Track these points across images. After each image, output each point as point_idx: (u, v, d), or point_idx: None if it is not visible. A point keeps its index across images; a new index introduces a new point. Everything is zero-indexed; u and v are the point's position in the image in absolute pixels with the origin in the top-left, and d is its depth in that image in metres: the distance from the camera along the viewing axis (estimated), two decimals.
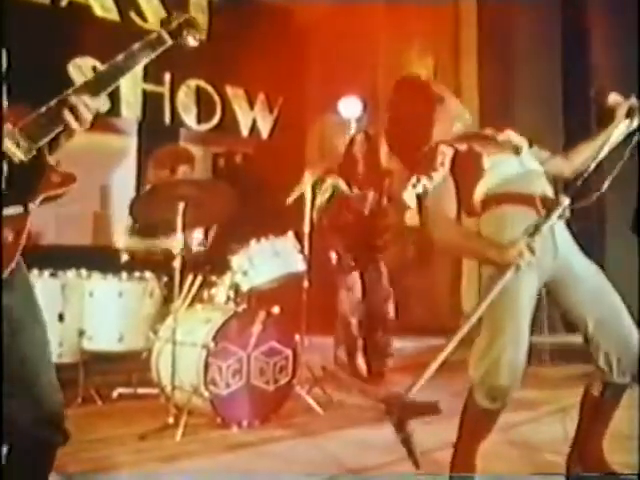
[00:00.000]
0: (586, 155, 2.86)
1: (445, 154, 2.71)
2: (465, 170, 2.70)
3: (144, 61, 2.23)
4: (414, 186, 2.72)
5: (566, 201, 2.59)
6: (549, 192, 2.74)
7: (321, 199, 5.18)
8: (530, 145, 2.86)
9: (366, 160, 5.45)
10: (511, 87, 7.67)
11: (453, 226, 2.72)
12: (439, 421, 2.70)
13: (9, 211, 1.95)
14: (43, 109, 2.03)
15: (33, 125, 2.01)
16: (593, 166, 2.74)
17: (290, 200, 4.81)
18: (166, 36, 2.26)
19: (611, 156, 2.80)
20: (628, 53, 6.24)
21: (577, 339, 2.85)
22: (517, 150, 2.77)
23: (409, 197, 2.72)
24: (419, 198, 2.71)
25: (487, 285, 2.62)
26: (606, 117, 2.83)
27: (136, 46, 2.20)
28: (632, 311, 2.75)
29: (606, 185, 2.71)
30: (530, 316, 2.67)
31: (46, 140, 2.03)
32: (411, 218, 2.83)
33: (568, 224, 2.77)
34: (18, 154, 1.97)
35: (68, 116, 2.03)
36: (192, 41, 2.33)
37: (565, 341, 5.50)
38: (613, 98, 2.82)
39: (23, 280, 2.11)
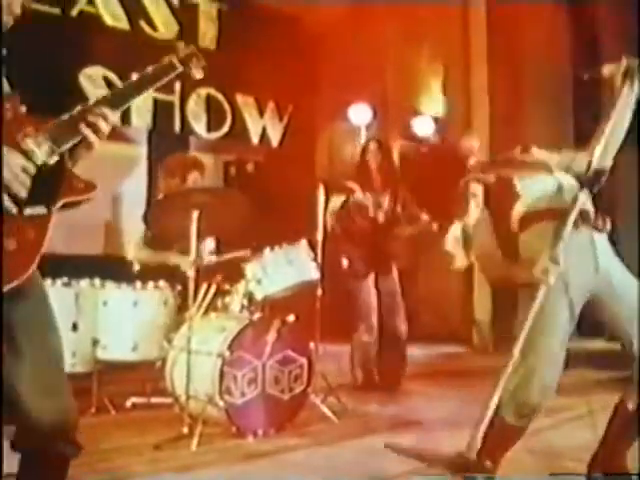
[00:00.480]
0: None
1: (476, 194, 2.70)
2: (499, 199, 2.72)
3: (156, 85, 2.29)
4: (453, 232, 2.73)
5: (582, 197, 2.57)
6: (587, 204, 2.70)
7: (334, 204, 5.18)
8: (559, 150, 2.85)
9: (380, 167, 5.43)
10: (521, 90, 7.67)
11: (497, 262, 2.72)
12: (459, 430, 2.69)
13: (32, 210, 1.95)
14: (66, 116, 2.06)
15: (56, 129, 2.03)
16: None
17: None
18: (178, 64, 2.32)
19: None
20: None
21: (597, 344, 2.84)
22: (549, 169, 2.77)
23: (451, 244, 2.72)
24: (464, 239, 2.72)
25: (524, 306, 2.61)
26: (609, 92, 2.77)
27: (149, 70, 2.25)
28: None
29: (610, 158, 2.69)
30: (567, 335, 2.65)
31: (68, 146, 2.04)
32: (458, 261, 2.81)
33: (610, 237, 2.77)
34: (39, 155, 1.97)
35: (86, 130, 2.05)
36: (198, 75, 2.41)
37: (585, 347, 5.46)
38: (607, 68, 2.72)
39: (39, 286, 2.10)
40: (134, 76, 2.22)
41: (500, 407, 2.66)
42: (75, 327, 4.37)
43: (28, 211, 1.95)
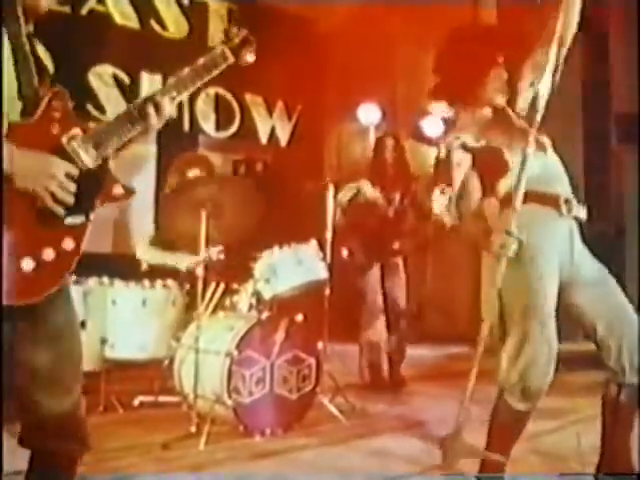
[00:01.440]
0: None
1: (462, 162, 2.70)
2: (487, 166, 2.72)
3: (207, 78, 2.27)
4: (441, 193, 2.72)
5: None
6: (570, 194, 2.77)
7: (343, 198, 5.19)
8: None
9: (395, 163, 5.46)
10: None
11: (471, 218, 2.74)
12: (467, 430, 2.68)
13: (73, 220, 1.94)
14: (113, 119, 2.06)
15: (102, 133, 2.02)
16: None
17: (311, 187, 4.85)
18: (229, 53, 2.29)
19: None
20: None
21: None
22: (544, 147, 2.76)
23: (437, 206, 2.72)
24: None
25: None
26: None
27: (201, 62, 2.23)
28: None
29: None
30: (554, 312, 2.68)
31: (114, 149, 2.04)
32: (447, 222, 2.80)
33: (581, 227, 2.81)
34: (85, 160, 1.96)
35: (151, 111, 2.08)
36: (250, 58, 2.37)
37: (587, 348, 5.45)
38: None
39: (68, 288, 2.10)
40: (185, 70, 2.20)
41: (504, 393, 2.68)
42: (83, 325, 4.36)
43: (69, 220, 1.93)
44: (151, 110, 2.04)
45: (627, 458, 2.82)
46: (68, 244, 1.93)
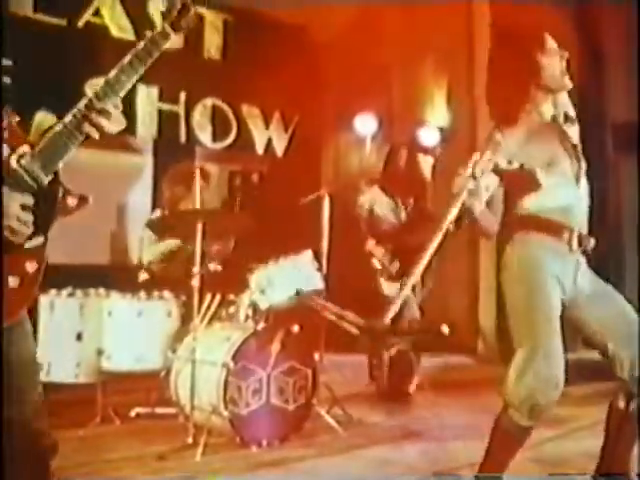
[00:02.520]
0: None
1: (489, 185, 2.69)
2: (515, 184, 2.72)
3: (150, 61, 2.18)
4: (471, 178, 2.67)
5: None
6: (584, 228, 2.82)
7: (360, 209, 5.27)
8: None
9: (409, 171, 5.51)
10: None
11: None
12: (465, 440, 2.70)
13: (32, 243, 1.94)
14: (59, 127, 2.00)
15: (50, 145, 1.98)
16: None
17: (305, 201, 4.86)
18: (168, 29, 2.22)
19: None
20: None
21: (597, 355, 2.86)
22: (578, 178, 2.80)
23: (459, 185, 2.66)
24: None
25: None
26: None
27: (140, 46, 2.16)
28: None
29: None
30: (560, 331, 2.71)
31: (64, 160, 2.01)
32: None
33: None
34: (39, 178, 1.94)
35: (89, 129, 2.03)
36: (189, 24, 2.25)
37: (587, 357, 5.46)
38: None
39: None
40: (126, 58, 2.14)
41: (507, 409, 2.68)
42: (79, 337, 4.40)
43: (28, 244, 1.93)
44: (98, 119, 2.02)
45: (626, 469, 2.83)
46: (30, 267, 1.94)
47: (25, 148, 1.96)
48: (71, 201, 2.04)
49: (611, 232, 7.54)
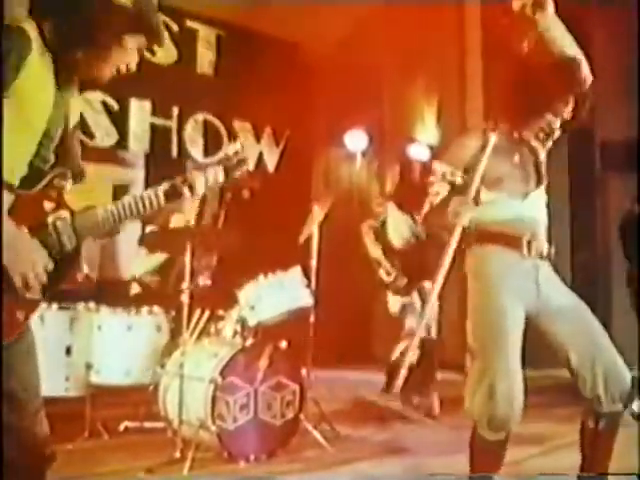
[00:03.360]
0: None
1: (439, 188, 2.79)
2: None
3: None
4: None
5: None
6: (541, 234, 2.87)
7: (372, 224, 5.37)
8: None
9: (423, 186, 5.52)
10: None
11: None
12: (451, 456, 2.75)
13: (31, 296, 2.00)
14: (103, 211, 2.11)
15: (87, 223, 2.08)
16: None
17: (302, 239, 4.89)
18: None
19: None
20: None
21: None
22: (526, 194, 2.86)
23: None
24: None
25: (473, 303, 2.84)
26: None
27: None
28: None
29: None
30: (519, 345, 2.75)
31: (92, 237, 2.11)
32: None
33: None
34: (65, 244, 2.04)
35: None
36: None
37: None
38: (515, 2, 2.78)
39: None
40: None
41: (475, 423, 2.74)
42: (69, 351, 4.42)
43: (28, 296, 1.98)
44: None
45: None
46: (20, 315, 2.01)
47: (65, 213, 2.06)
48: (81, 277, 2.13)
49: (599, 246, 7.62)
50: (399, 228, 5.34)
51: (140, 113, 7.78)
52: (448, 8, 7.99)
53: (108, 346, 4.44)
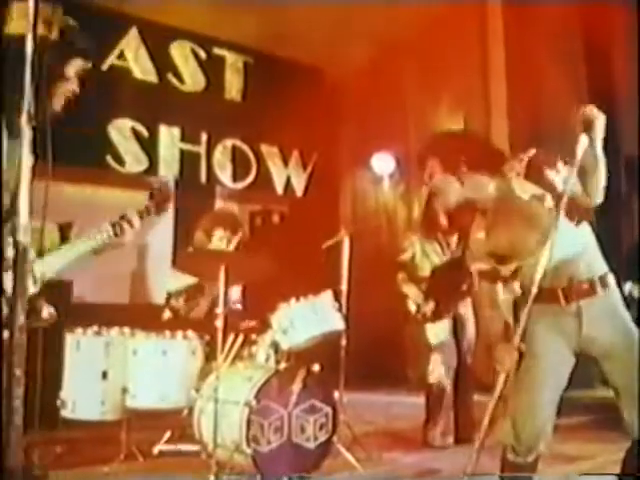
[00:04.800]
0: None
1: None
2: None
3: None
4: None
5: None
6: (583, 272, 2.82)
7: (403, 256, 5.38)
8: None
9: (447, 211, 5.52)
10: (543, 137, 7.79)
11: None
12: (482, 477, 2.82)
13: None
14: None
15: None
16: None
17: (326, 245, 4.98)
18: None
19: None
20: None
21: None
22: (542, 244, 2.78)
23: None
24: None
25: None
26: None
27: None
28: None
29: None
30: (555, 383, 2.83)
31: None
32: None
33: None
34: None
35: None
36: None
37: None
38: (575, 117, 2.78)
39: None
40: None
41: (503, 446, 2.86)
42: (105, 375, 4.51)
43: None
44: None
45: None
46: None
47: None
48: (45, 314, 2.21)
49: (625, 265, 7.61)
50: (429, 258, 5.38)
51: (169, 139, 7.96)
52: (471, 29, 8.11)
53: (144, 370, 4.52)
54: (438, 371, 5.24)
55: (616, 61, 7.78)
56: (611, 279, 2.86)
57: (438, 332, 5.25)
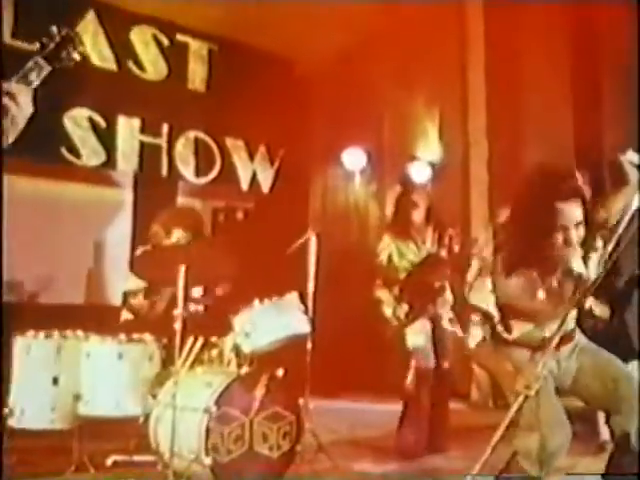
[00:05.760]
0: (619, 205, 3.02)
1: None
2: None
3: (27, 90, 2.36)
4: None
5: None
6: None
7: (379, 259, 5.36)
8: None
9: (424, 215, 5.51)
10: (522, 134, 7.84)
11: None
12: None
13: None
14: None
15: None
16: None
17: (292, 248, 4.97)
18: (42, 62, 2.41)
19: None
20: None
21: None
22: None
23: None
24: None
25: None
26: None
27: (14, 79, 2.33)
28: None
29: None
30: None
31: None
32: None
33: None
34: None
35: None
36: (76, 56, 2.47)
37: None
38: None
39: None
40: None
41: (518, 456, 2.91)
42: (56, 381, 4.44)
43: None
44: None
45: None
46: None
47: None
48: None
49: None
50: (406, 258, 5.37)
51: (129, 131, 7.88)
52: (449, 19, 8.12)
53: (97, 375, 4.46)
54: (413, 377, 5.25)
55: (602, 58, 7.83)
56: None
57: (415, 335, 5.25)
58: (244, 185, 8.77)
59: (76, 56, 2.46)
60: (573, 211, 2.87)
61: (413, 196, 5.48)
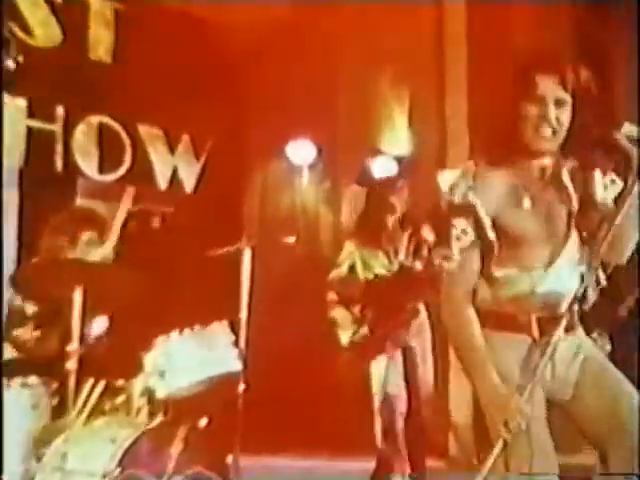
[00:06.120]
0: None
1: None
2: None
3: None
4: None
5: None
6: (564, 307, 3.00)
7: (338, 270, 5.41)
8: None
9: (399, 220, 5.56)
10: (507, 118, 7.89)
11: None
12: None
13: None
14: None
15: None
16: None
17: (218, 253, 4.96)
18: None
19: None
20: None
21: None
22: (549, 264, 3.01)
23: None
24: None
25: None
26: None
27: None
28: None
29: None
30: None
31: None
32: None
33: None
34: None
35: None
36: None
37: None
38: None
39: None
40: None
41: None
42: None
43: None
44: None
45: None
46: None
47: None
48: None
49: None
50: (372, 271, 5.40)
51: (12, 114, 7.74)
52: None
53: None
54: (382, 427, 5.27)
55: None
56: None
57: (380, 375, 5.28)
58: (162, 184, 8.69)
59: None
60: (552, 87, 3.05)
61: (388, 196, 5.54)
